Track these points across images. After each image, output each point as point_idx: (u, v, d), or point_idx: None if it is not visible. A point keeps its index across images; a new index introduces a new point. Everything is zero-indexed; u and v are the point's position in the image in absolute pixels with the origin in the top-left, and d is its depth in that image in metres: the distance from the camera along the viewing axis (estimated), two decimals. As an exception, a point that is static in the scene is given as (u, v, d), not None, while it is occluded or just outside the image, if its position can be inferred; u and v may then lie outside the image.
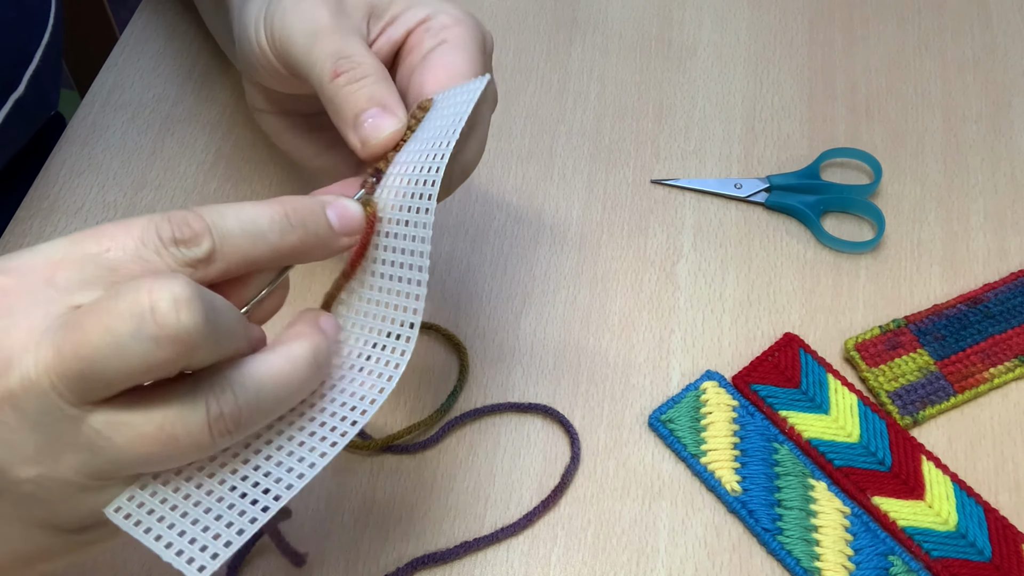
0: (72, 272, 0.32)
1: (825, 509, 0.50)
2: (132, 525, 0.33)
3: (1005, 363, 0.55)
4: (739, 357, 0.56)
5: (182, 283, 0.30)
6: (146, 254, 0.32)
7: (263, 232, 0.34)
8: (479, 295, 0.57)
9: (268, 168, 0.62)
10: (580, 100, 0.66)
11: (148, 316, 0.29)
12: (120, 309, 0.29)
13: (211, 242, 0.33)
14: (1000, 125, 0.66)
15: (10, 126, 0.58)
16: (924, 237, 0.61)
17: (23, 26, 0.59)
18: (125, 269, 0.32)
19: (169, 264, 0.33)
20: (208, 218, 0.33)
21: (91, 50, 0.91)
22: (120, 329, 0.29)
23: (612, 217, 0.61)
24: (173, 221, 0.33)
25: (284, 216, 0.35)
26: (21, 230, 0.58)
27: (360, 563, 0.49)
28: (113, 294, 0.30)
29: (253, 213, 0.35)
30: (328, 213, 0.37)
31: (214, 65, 0.67)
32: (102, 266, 0.32)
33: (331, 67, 0.41)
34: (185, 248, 0.33)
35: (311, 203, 0.37)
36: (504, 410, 0.53)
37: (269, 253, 0.35)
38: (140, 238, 0.33)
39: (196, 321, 0.30)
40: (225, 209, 0.34)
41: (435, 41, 0.43)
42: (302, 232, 0.36)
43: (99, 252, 0.32)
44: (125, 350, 0.29)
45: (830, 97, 0.67)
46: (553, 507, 0.50)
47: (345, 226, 0.38)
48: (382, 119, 0.41)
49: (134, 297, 0.29)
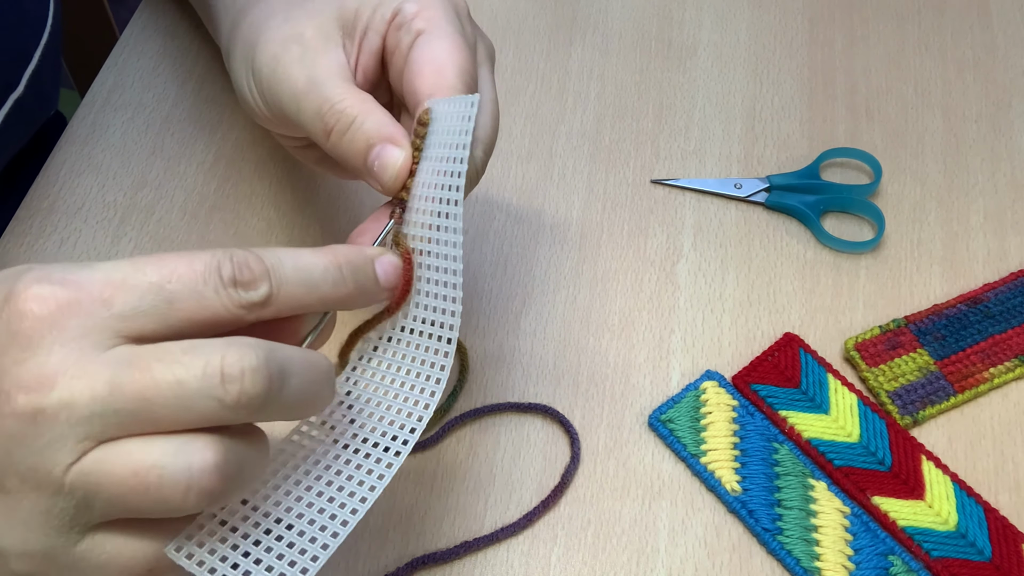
0: (130, 298, 0.32)
1: (825, 509, 0.50)
2: (195, 565, 0.34)
3: (1005, 363, 0.55)
4: (739, 357, 0.56)
5: (253, 353, 0.32)
6: (205, 291, 0.33)
7: (317, 283, 0.35)
8: (479, 295, 0.57)
9: (268, 168, 0.62)
10: (580, 100, 0.66)
11: (217, 380, 0.31)
12: (193, 366, 0.31)
13: (268, 287, 0.34)
14: (1000, 125, 0.66)
15: (10, 126, 0.58)
16: (924, 237, 0.61)
17: (22, 25, 0.59)
18: (182, 304, 0.33)
19: (226, 305, 0.33)
20: (268, 262, 0.34)
21: (91, 50, 0.91)
22: (190, 384, 0.31)
23: (612, 217, 0.61)
24: (235, 261, 0.33)
25: (337, 268, 0.36)
26: (21, 230, 0.58)
27: (360, 563, 0.49)
28: (187, 348, 0.31)
29: (309, 262, 0.35)
30: (376, 268, 0.38)
31: (214, 65, 0.67)
32: (160, 297, 0.32)
33: (320, 127, 0.42)
34: (244, 291, 0.33)
35: (361, 257, 0.37)
36: (504, 410, 0.53)
37: (318, 302, 0.36)
38: (202, 274, 0.33)
39: (259, 391, 0.32)
40: (284, 255, 0.35)
41: (410, 36, 0.43)
42: (351, 286, 0.37)
43: (159, 282, 0.33)
44: (190, 403, 0.31)
45: (830, 97, 0.67)
46: (553, 507, 0.50)
47: (390, 282, 0.39)
48: (386, 156, 0.41)
49: (207, 358, 0.31)
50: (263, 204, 0.60)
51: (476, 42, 0.45)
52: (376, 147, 0.41)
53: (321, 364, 0.35)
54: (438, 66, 0.42)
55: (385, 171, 0.41)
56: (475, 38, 0.45)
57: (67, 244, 0.58)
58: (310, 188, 0.61)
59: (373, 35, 0.44)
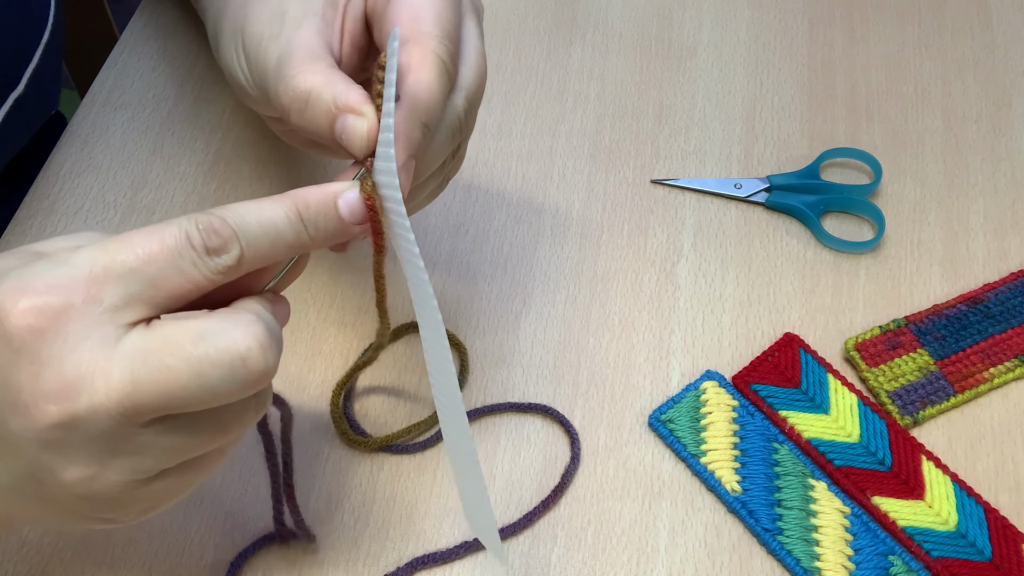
0: (116, 288, 0.33)
1: (825, 509, 0.50)
2: None
3: (1005, 363, 0.55)
4: (739, 357, 0.56)
5: (263, 328, 0.34)
6: (183, 266, 0.34)
7: (282, 233, 0.36)
8: (479, 295, 0.57)
9: (268, 168, 0.62)
10: (580, 100, 0.66)
11: (239, 364, 0.33)
12: (211, 357, 0.33)
13: (239, 248, 0.35)
14: (1000, 125, 0.66)
15: (11, 125, 0.58)
16: (924, 237, 0.61)
17: (23, 24, 0.59)
18: (165, 283, 0.34)
19: (204, 274, 0.34)
20: (232, 222, 0.35)
21: (91, 50, 0.91)
22: (212, 375, 0.33)
23: (612, 217, 0.61)
24: (202, 229, 0.34)
25: (298, 216, 0.36)
26: (21, 230, 0.58)
27: (360, 563, 0.49)
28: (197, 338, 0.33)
29: (272, 215, 0.36)
30: (340, 205, 0.37)
31: (214, 65, 0.66)
32: (144, 283, 0.33)
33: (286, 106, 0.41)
34: (217, 257, 0.34)
35: (322, 197, 0.37)
36: (504, 410, 0.53)
37: (287, 251, 0.37)
38: (175, 249, 0.34)
39: (277, 359, 0.34)
40: (246, 212, 0.35)
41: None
42: (315, 228, 0.37)
43: (137, 266, 0.33)
44: (215, 391, 0.33)
45: (830, 97, 0.67)
46: (553, 507, 0.50)
47: (356, 217, 0.38)
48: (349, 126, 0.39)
49: (225, 345, 0.33)
50: (263, 204, 0.60)
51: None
52: (339, 118, 0.40)
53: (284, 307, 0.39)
54: (415, 14, 0.40)
55: (352, 142, 0.39)
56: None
57: (67, 244, 0.58)
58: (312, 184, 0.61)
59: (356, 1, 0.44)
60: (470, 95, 0.43)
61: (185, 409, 0.33)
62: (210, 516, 0.49)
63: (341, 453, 0.52)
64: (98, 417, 0.32)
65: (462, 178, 0.62)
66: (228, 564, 0.48)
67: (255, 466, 0.50)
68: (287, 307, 0.39)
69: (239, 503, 0.50)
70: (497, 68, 0.67)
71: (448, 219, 0.60)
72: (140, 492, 0.35)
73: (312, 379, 0.54)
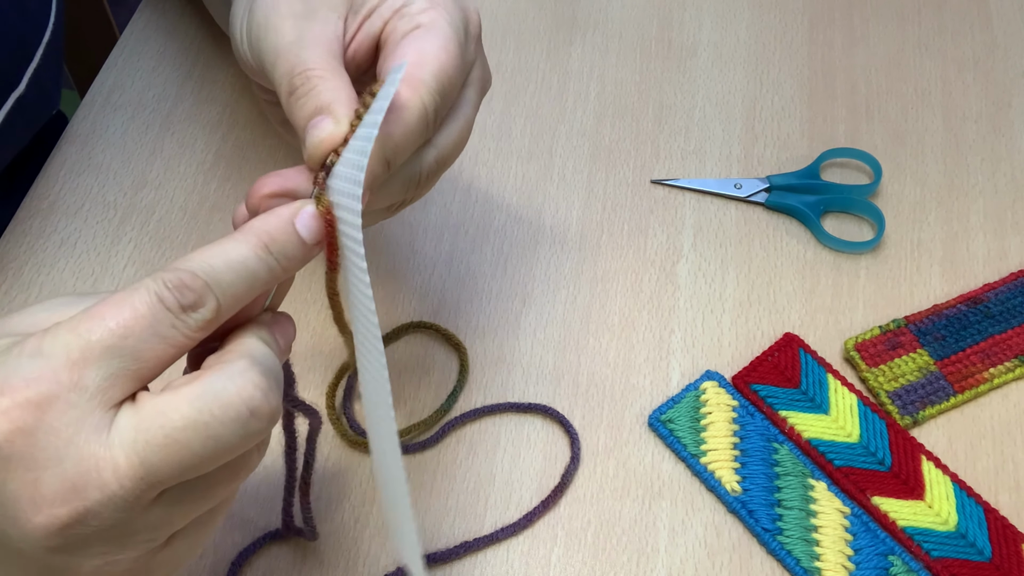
0: (98, 371, 0.32)
1: (825, 509, 0.50)
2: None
3: (1005, 363, 0.55)
4: (739, 357, 0.56)
5: (257, 372, 0.33)
6: (162, 331, 0.33)
7: (254, 272, 0.35)
8: (479, 295, 0.57)
9: (268, 168, 0.61)
10: (580, 100, 0.66)
11: (247, 415, 0.32)
12: (217, 417, 0.32)
13: (215, 300, 0.34)
14: (1000, 125, 0.66)
15: (11, 124, 0.58)
16: (924, 237, 0.61)
17: (24, 23, 0.59)
18: (149, 353, 0.32)
19: (184, 333, 0.33)
20: (202, 274, 0.33)
21: (91, 50, 0.91)
22: (225, 435, 0.32)
23: (612, 217, 0.61)
24: (172, 288, 0.33)
25: (265, 250, 0.35)
26: (21, 230, 0.58)
27: (360, 563, 0.49)
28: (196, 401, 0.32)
29: (239, 255, 0.35)
30: (298, 228, 0.36)
31: (214, 65, 0.67)
32: (125, 357, 0.32)
33: (286, 87, 0.41)
34: (194, 312, 0.33)
35: (281, 224, 0.36)
36: (504, 410, 0.53)
37: (262, 288, 0.36)
38: (149, 316, 0.32)
39: (280, 397, 0.34)
40: (212, 259, 0.34)
41: (409, 26, 0.42)
42: (285, 258, 0.36)
43: (114, 343, 0.32)
44: (228, 447, 0.32)
45: (830, 97, 0.67)
46: (553, 507, 0.50)
47: (315, 236, 0.37)
48: (320, 125, 0.39)
49: (227, 400, 0.32)
50: (263, 204, 0.60)
51: (474, 61, 0.44)
52: (317, 117, 0.39)
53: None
54: (419, 58, 0.40)
55: (309, 141, 0.39)
56: (475, 58, 0.44)
57: (67, 244, 0.58)
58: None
59: (376, 19, 0.44)
60: (441, 156, 0.42)
61: (199, 473, 0.33)
62: (210, 516, 0.49)
63: (341, 453, 0.52)
64: (111, 507, 0.31)
65: (462, 178, 0.62)
66: (229, 564, 0.48)
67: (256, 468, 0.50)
68: (291, 324, 0.39)
69: (240, 503, 0.50)
70: (497, 68, 0.67)
71: (448, 219, 0.60)
72: (160, 558, 0.34)
73: (313, 379, 0.54)
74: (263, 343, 0.36)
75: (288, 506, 0.47)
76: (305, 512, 0.46)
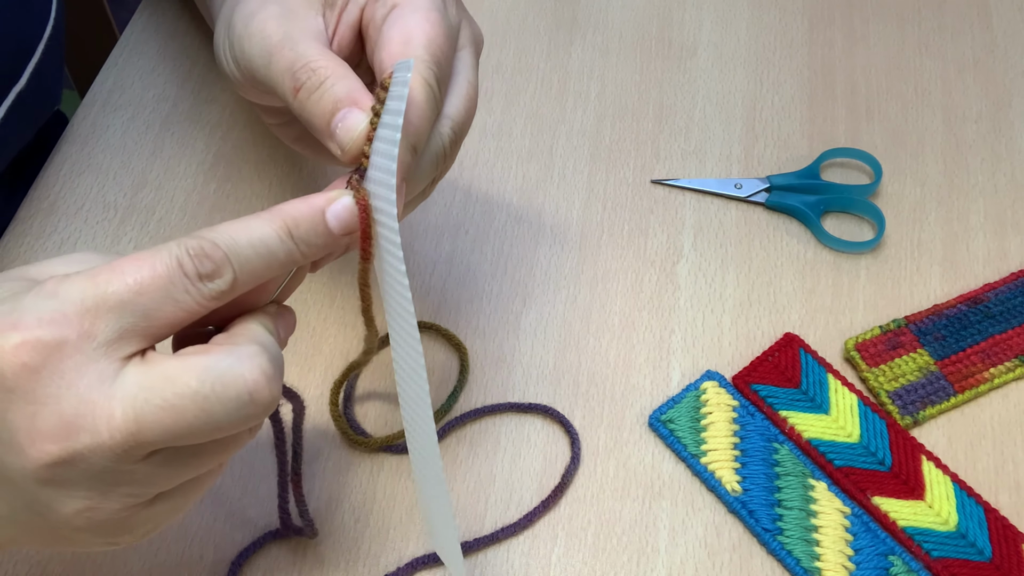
0: (109, 322, 0.32)
1: (825, 509, 0.50)
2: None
3: (1005, 363, 0.55)
4: (739, 357, 0.56)
5: (267, 359, 0.34)
6: (176, 294, 0.33)
7: (274, 253, 0.35)
8: (479, 295, 0.57)
9: (268, 168, 0.62)
10: (580, 100, 0.66)
11: (247, 399, 0.33)
12: (218, 394, 0.32)
13: (232, 272, 0.34)
14: (1000, 125, 0.66)
15: (13, 121, 0.58)
16: (924, 237, 0.61)
17: (25, 18, 0.59)
18: (158, 313, 0.33)
19: (197, 300, 0.34)
20: (224, 246, 0.34)
21: (91, 50, 0.91)
22: (219, 411, 0.33)
23: (612, 217, 0.61)
24: (193, 254, 0.33)
25: (288, 232, 0.36)
26: (21, 230, 0.58)
27: (360, 563, 0.49)
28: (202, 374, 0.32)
29: (262, 234, 0.35)
30: (328, 218, 0.37)
31: (214, 65, 0.66)
32: (137, 314, 0.33)
33: (290, 83, 0.41)
34: (210, 282, 0.34)
35: (311, 212, 0.37)
36: (504, 410, 0.53)
37: (279, 269, 0.36)
38: (166, 278, 0.33)
39: (280, 387, 0.34)
40: (235, 233, 0.35)
41: (386, 8, 0.42)
42: (306, 245, 0.36)
43: (129, 298, 0.33)
44: (221, 425, 0.33)
45: (830, 97, 0.67)
46: (553, 507, 0.50)
47: (346, 227, 0.37)
48: (349, 120, 0.39)
49: (231, 380, 0.33)
50: (263, 204, 0.60)
51: (460, 24, 0.44)
52: (341, 111, 0.39)
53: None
54: (406, 37, 0.40)
55: (347, 133, 0.39)
56: (459, 20, 0.44)
57: (67, 244, 0.58)
58: (310, 188, 0.61)
59: (353, 7, 0.44)
60: (456, 125, 0.42)
61: (189, 443, 0.33)
62: (211, 516, 0.49)
63: (341, 453, 0.52)
64: (99, 454, 0.32)
65: (462, 178, 0.62)
66: (229, 563, 0.48)
67: (256, 467, 0.51)
68: (293, 318, 0.39)
69: (240, 503, 0.50)
70: (497, 68, 0.67)
71: (448, 219, 0.60)
72: (142, 515, 0.35)
73: (312, 379, 0.54)
74: (268, 332, 0.36)
75: (284, 503, 0.47)
76: (300, 506, 0.46)
